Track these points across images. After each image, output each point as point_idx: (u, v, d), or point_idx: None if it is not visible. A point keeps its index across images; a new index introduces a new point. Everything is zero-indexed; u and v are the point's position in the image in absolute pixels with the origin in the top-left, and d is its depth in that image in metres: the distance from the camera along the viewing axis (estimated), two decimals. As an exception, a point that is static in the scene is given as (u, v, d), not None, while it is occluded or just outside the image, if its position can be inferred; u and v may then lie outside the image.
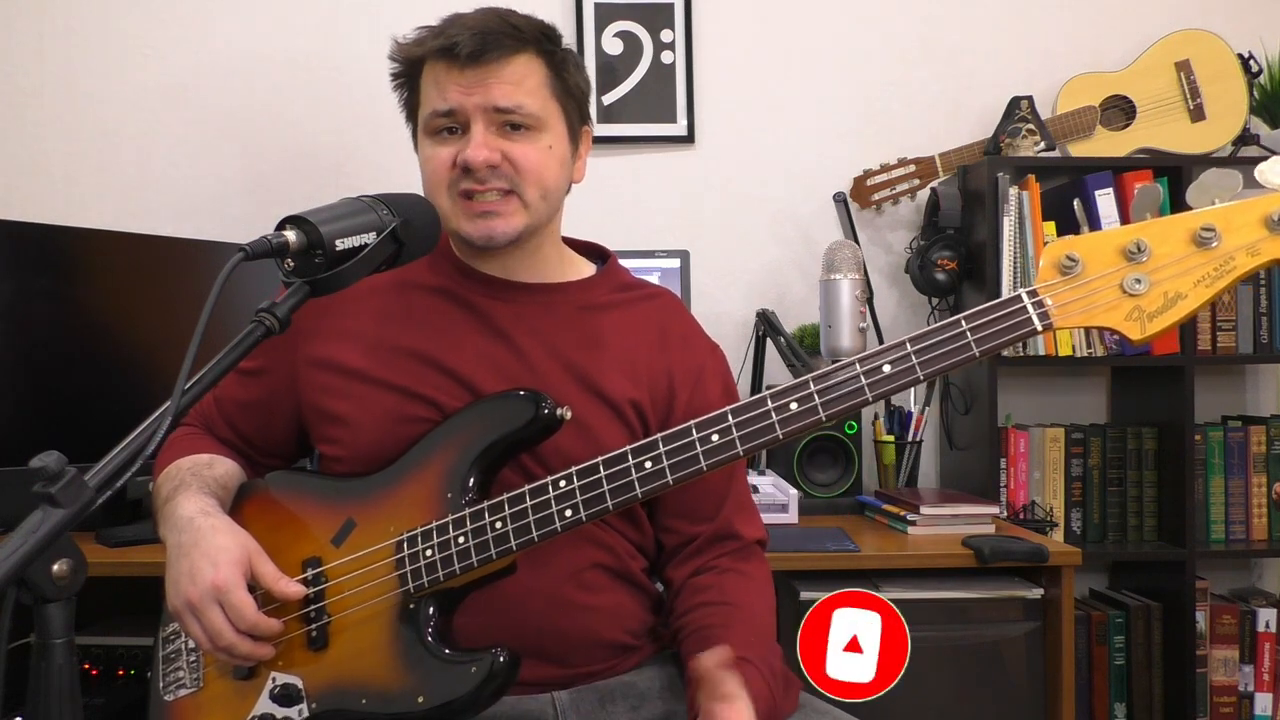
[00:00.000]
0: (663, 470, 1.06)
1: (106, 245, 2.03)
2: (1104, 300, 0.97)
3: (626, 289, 1.33)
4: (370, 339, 1.24)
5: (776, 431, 1.03)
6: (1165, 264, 0.96)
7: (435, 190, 1.22)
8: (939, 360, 1.00)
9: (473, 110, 1.19)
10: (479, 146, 1.18)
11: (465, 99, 1.18)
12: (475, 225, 1.21)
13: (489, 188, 1.19)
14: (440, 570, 1.09)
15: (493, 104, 1.18)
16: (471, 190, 1.19)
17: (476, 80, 1.18)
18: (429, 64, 1.22)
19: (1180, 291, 0.95)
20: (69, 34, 2.43)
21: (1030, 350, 2.28)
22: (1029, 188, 2.28)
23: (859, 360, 1.02)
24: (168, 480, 1.23)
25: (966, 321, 1.00)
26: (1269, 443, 2.35)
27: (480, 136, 1.18)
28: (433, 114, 1.21)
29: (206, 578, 1.07)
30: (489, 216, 1.20)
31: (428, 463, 1.15)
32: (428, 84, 1.22)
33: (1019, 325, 0.98)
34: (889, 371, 1.01)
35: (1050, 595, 1.77)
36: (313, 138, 2.45)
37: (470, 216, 1.20)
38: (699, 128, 2.49)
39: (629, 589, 1.26)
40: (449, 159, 1.20)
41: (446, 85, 1.19)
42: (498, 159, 1.19)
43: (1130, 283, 0.96)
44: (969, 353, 0.99)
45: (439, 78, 1.20)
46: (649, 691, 1.20)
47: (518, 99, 1.19)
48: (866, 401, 1.02)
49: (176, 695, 1.21)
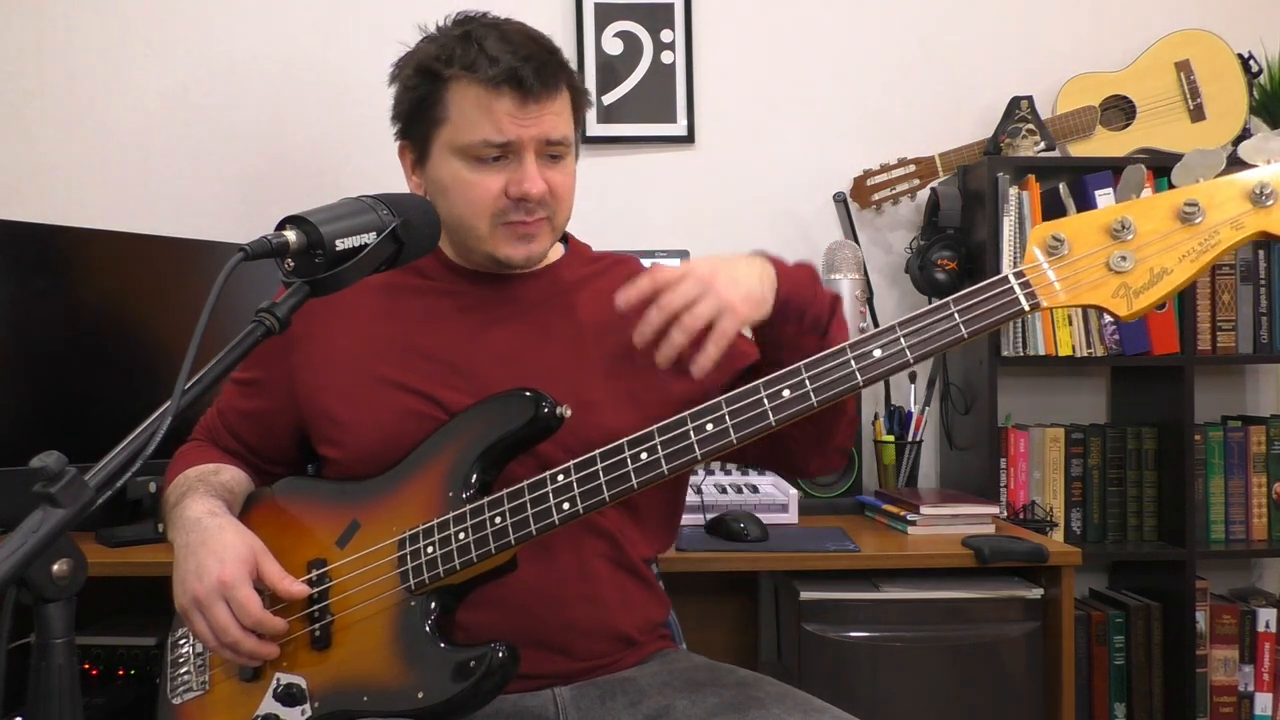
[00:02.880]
0: (658, 460, 1.06)
1: (106, 245, 2.03)
2: (1090, 279, 0.98)
3: (595, 260, 1.37)
4: (367, 340, 1.26)
5: (770, 419, 1.04)
6: (1150, 240, 0.97)
7: (474, 215, 1.22)
8: (928, 342, 1.01)
9: (528, 142, 1.19)
10: (536, 179, 1.19)
11: (523, 132, 1.18)
12: (516, 249, 1.23)
13: (536, 218, 1.22)
14: (441, 566, 1.10)
15: (546, 137, 1.20)
16: (522, 221, 1.21)
17: (535, 114, 1.19)
18: (472, 84, 1.18)
19: (1166, 267, 0.96)
20: (69, 34, 2.42)
21: (1030, 350, 2.28)
22: (1029, 188, 2.28)
23: (849, 345, 1.03)
24: (176, 489, 1.26)
25: (955, 304, 1.01)
26: (1269, 443, 2.35)
27: (534, 169, 1.20)
28: (484, 143, 1.18)
29: (213, 574, 1.09)
30: (528, 240, 1.23)
31: (430, 463, 1.16)
32: (469, 106, 1.19)
33: (1006, 305, 0.99)
34: (879, 355, 1.02)
35: (1050, 595, 1.77)
36: (312, 138, 2.45)
37: (512, 241, 1.23)
38: (699, 128, 2.49)
39: (633, 580, 1.27)
40: (497, 188, 1.20)
41: (500, 115, 1.18)
42: (547, 190, 1.21)
43: (1116, 260, 0.97)
44: (958, 334, 1.00)
45: (491, 104, 1.18)
46: (649, 687, 1.20)
47: (564, 130, 1.22)
48: (858, 386, 1.03)
49: (184, 699, 1.22)
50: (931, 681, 1.75)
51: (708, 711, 1.14)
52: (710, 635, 2.22)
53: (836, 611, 1.76)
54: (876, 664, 1.75)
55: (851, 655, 1.75)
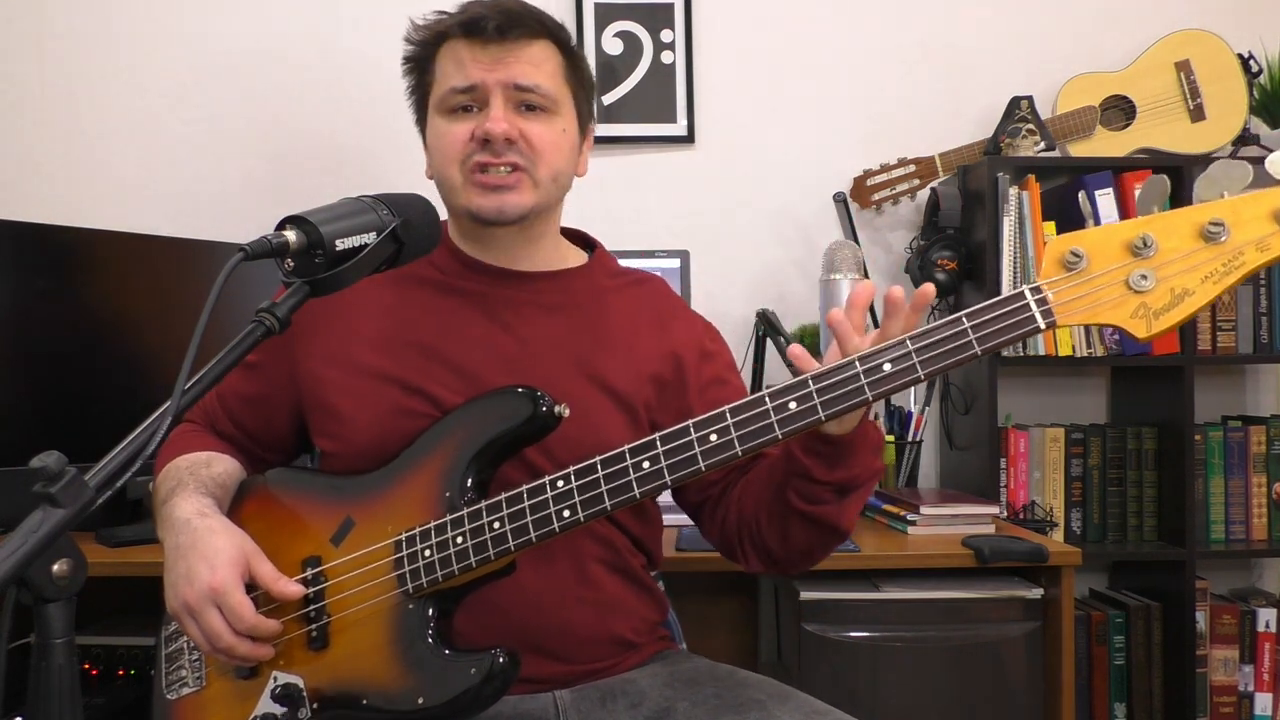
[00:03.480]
0: (660, 470, 1.05)
1: (106, 245, 2.03)
2: (1109, 297, 0.94)
3: (618, 275, 1.35)
4: (369, 333, 1.25)
5: (775, 431, 1.02)
6: (1172, 259, 0.92)
7: (446, 165, 1.23)
8: (940, 359, 0.98)
9: (493, 86, 1.21)
10: (498, 119, 1.20)
11: (487, 75, 1.20)
12: (487, 198, 1.22)
13: (504, 161, 1.21)
14: (439, 571, 1.09)
15: (514, 81, 1.21)
16: (486, 163, 1.21)
17: (499, 57, 1.21)
18: (449, 42, 1.24)
19: (1188, 288, 0.92)
20: (69, 34, 2.42)
21: (1030, 350, 2.28)
22: (1029, 188, 2.28)
23: (859, 359, 1.00)
24: (166, 480, 1.23)
25: (968, 319, 0.97)
26: (1269, 443, 2.35)
27: (500, 111, 1.20)
28: (451, 90, 1.22)
29: (204, 580, 1.07)
30: (501, 191, 1.21)
31: (425, 461, 1.15)
32: (445, 61, 1.24)
33: (1022, 323, 0.95)
34: (889, 370, 0.99)
35: (1050, 595, 1.77)
36: (312, 137, 2.45)
37: (483, 190, 1.22)
38: (699, 128, 2.49)
39: (630, 584, 1.26)
40: (465, 134, 1.21)
41: (467, 61, 1.21)
42: (515, 134, 1.20)
43: (1136, 279, 0.93)
44: (970, 351, 0.97)
45: (459, 54, 1.22)
46: (649, 688, 1.20)
47: (537, 79, 1.22)
48: (867, 401, 1.00)
49: (179, 694, 1.21)
50: (931, 681, 1.75)
51: (709, 713, 1.14)
52: (710, 635, 2.22)
53: (836, 611, 1.76)
54: (876, 664, 1.75)
55: (851, 655, 1.75)
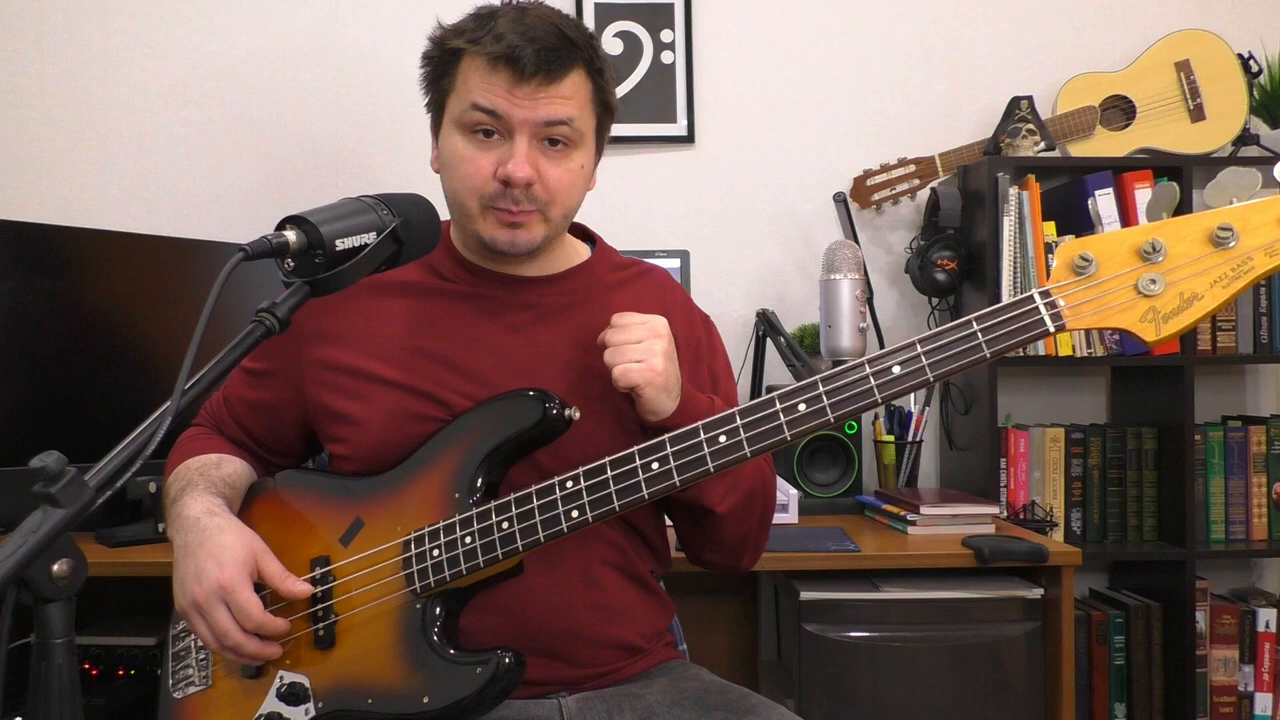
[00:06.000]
0: (669, 471, 1.05)
1: (106, 245, 2.03)
2: (1118, 301, 0.95)
3: (621, 269, 1.35)
4: (378, 338, 1.24)
5: (785, 433, 1.03)
6: (1181, 264, 0.93)
7: (464, 192, 1.21)
8: (949, 361, 0.99)
9: (519, 124, 1.17)
10: (521, 164, 1.17)
11: (514, 110, 1.16)
12: (501, 232, 1.21)
13: (521, 209, 1.19)
14: (447, 570, 1.10)
15: (542, 120, 1.17)
16: (508, 210, 1.19)
17: (529, 96, 1.16)
18: (475, 58, 1.18)
19: (1196, 292, 0.93)
20: (69, 34, 2.43)
21: (1030, 350, 2.28)
22: (1029, 188, 2.28)
23: (868, 361, 1.01)
24: (176, 481, 1.24)
25: (978, 322, 0.98)
26: (1269, 443, 2.35)
27: (523, 153, 1.17)
28: (473, 106, 1.17)
29: (212, 578, 1.08)
30: (515, 227, 1.20)
31: (435, 462, 1.16)
32: (471, 74, 1.18)
33: (1031, 326, 0.96)
34: (899, 373, 1.00)
35: (1050, 595, 1.77)
36: (312, 138, 2.45)
37: (499, 225, 1.20)
38: (699, 128, 2.49)
39: (637, 589, 1.26)
40: (487, 168, 1.18)
41: (496, 89, 1.17)
42: (535, 176, 1.18)
43: (1145, 283, 0.94)
44: (980, 354, 0.98)
45: (488, 78, 1.17)
46: (658, 705, 1.18)
47: (567, 112, 1.18)
48: (876, 403, 1.01)
49: (186, 692, 1.21)
50: (931, 681, 1.75)
51: None
52: (710, 635, 2.22)
53: (836, 611, 1.76)
54: (876, 664, 1.75)
55: (851, 655, 1.75)
